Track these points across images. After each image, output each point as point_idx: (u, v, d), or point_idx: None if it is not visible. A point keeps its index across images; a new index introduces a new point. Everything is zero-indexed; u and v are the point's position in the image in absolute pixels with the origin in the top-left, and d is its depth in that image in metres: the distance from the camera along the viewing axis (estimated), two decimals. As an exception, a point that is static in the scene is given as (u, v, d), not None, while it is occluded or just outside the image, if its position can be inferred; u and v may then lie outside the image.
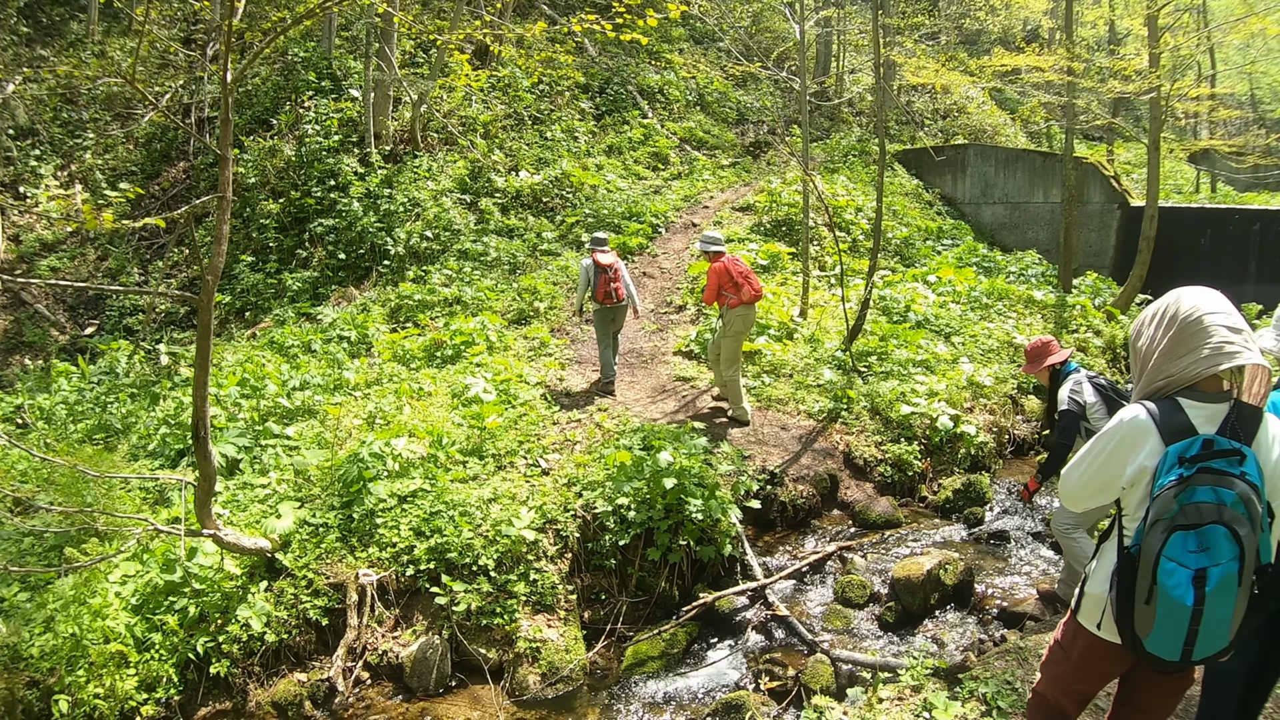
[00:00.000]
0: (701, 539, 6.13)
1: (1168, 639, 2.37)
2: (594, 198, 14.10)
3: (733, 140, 18.22)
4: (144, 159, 13.38)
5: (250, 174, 12.66)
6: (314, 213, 12.33)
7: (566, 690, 5.21)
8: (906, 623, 5.65)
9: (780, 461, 7.48)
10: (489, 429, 7.16)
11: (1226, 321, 2.42)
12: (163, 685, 5.05)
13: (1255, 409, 2.42)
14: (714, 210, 14.68)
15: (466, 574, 5.65)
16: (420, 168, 13.26)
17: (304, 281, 11.51)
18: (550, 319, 10.82)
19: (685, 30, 21.60)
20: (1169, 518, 2.34)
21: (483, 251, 12.22)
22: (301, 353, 9.29)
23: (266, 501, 6.27)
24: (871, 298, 11.09)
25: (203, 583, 5.43)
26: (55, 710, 4.75)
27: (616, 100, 17.67)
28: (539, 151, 15.07)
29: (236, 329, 10.79)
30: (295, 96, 13.45)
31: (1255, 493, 2.30)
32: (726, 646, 5.61)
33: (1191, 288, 2.56)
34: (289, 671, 5.37)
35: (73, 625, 5.01)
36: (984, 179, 16.85)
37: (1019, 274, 13.36)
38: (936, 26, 20.36)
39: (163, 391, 8.39)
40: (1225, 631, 2.35)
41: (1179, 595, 2.31)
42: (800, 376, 9.01)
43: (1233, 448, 2.34)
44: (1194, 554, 2.31)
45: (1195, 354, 2.42)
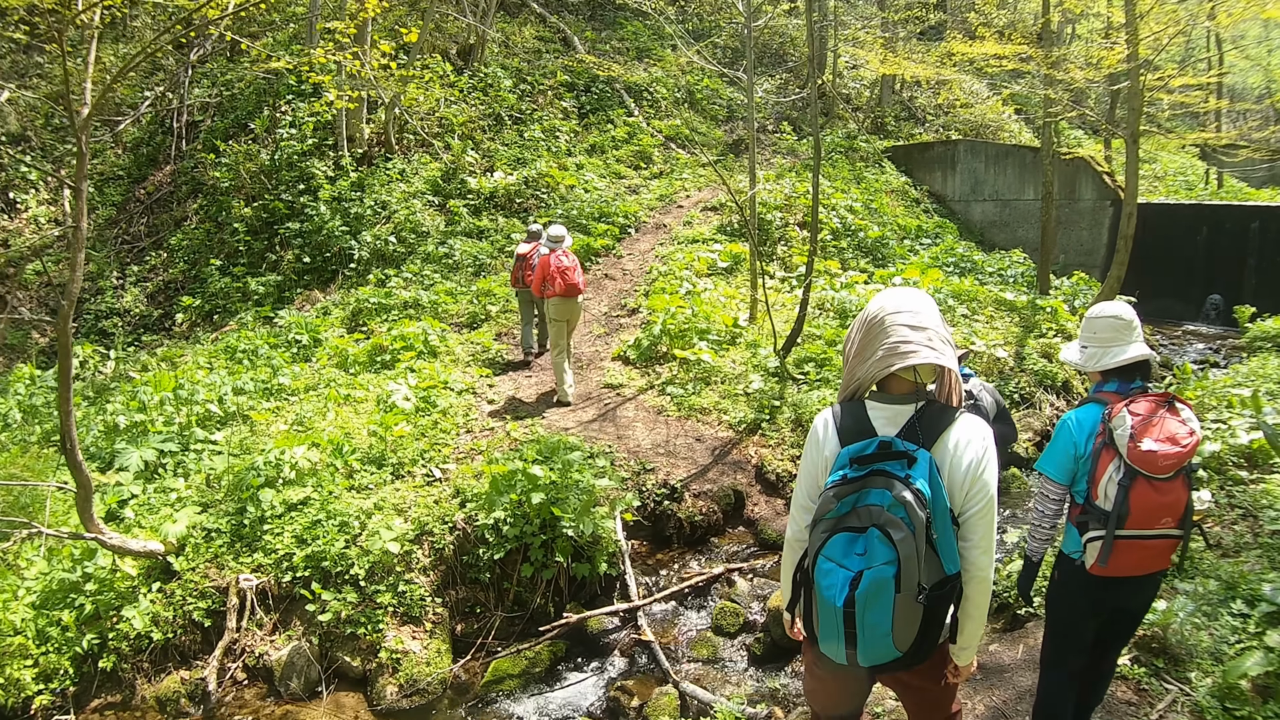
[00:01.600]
0: (578, 556, 6.28)
1: (830, 640, 2.38)
2: (568, 198, 14.22)
3: (720, 137, 18.18)
4: (131, 163, 13.92)
5: (225, 178, 13.06)
6: (284, 216, 12.69)
7: (423, 702, 5.41)
8: (776, 655, 5.49)
9: (685, 475, 7.54)
10: (394, 437, 7.41)
11: (909, 321, 2.42)
12: (59, 677, 5.47)
13: (943, 411, 2.42)
14: (687, 210, 14.70)
15: (339, 583, 5.90)
16: (393, 170, 13.53)
17: (269, 285, 11.88)
18: (500, 322, 11.00)
19: (680, 27, 21.55)
20: (830, 517, 2.35)
21: (446, 254, 12.45)
22: (249, 357, 9.62)
23: (174, 505, 6.62)
24: (828, 301, 11.13)
25: (98, 582, 5.82)
26: None
27: (602, 98, 17.75)
28: (517, 152, 15.25)
29: (203, 333, 11.20)
30: (274, 101, 13.84)
31: (918, 498, 2.25)
32: (590, 669, 5.67)
33: (892, 289, 2.58)
34: (174, 669, 5.70)
35: None
36: (974, 175, 16.57)
37: (997, 274, 13.16)
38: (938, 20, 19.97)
39: (117, 395, 8.82)
40: (887, 639, 2.30)
41: (830, 596, 2.31)
42: (730, 385, 9.04)
43: (904, 450, 2.33)
44: (859, 556, 2.29)
45: (874, 354, 2.44)
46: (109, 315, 11.83)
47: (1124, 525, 3.15)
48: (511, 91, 16.55)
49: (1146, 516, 3.14)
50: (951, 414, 2.42)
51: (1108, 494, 3.18)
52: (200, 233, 12.88)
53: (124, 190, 13.61)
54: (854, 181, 16.03)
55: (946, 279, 12.09)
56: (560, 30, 19.46)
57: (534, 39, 18.90)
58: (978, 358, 9.55)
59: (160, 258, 12.73)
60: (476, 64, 16.83)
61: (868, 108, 20.52)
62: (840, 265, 12.85)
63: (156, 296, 12.33)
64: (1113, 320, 3.34)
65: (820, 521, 2.37)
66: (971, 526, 2.39)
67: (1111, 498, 3.16)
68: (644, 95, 18.40)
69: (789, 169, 15.84)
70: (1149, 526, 3.16)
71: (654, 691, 5.19)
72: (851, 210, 14.30)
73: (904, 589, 2.24)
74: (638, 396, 8.96)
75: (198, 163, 13.62)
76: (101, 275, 12.27)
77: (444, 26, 17.20)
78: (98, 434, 7.74)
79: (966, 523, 2.39)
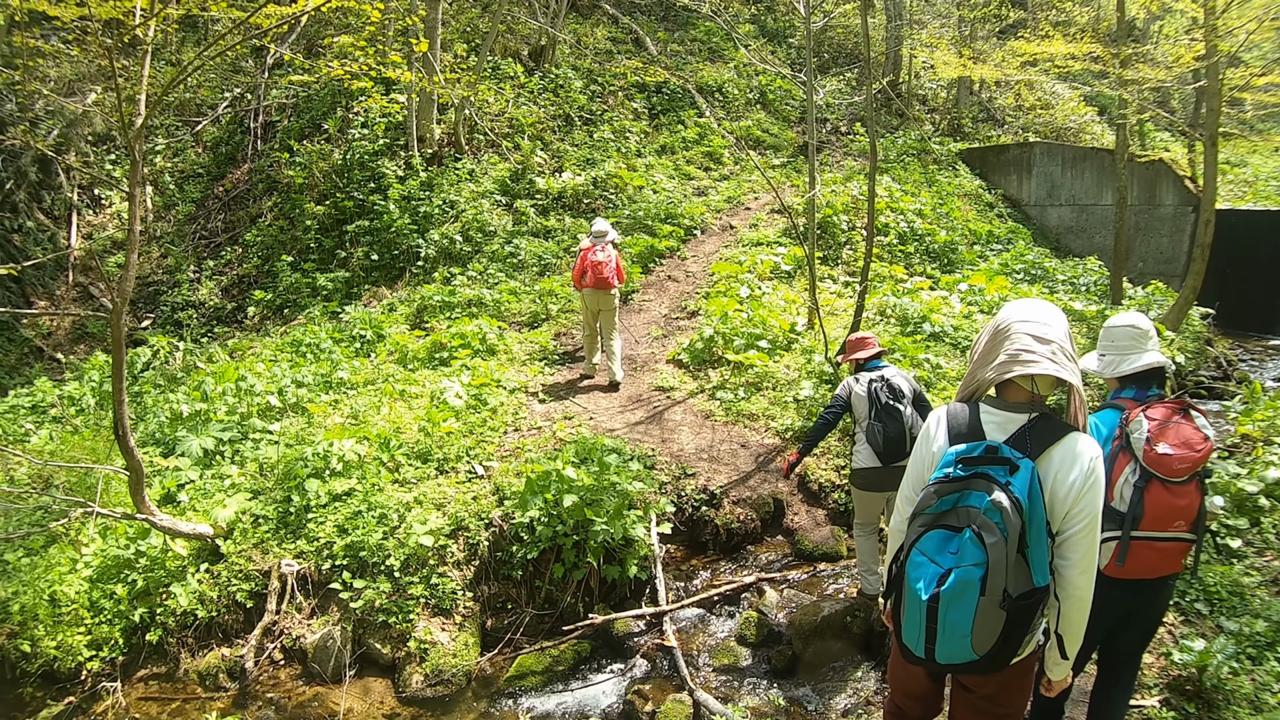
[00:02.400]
0: (609, 558, 6.29)
1: (911, 633, 2.44)
2: (636, 199, 14.27)
3: (792, 139, 17.97)
4: (210, 162, 14.54)
5: (299, 177, 13.51)
6: (354, 215, 13.04)
7: (447, 693, 5.52)
8: (797, 670, 5.42)
9: (726, 481, 7.48)
10: (441, 433, 7.55)
11: (1035, 331, 2.46)
12: (109, 646, 5.85)
13: (1055, 425, 2.44)
14: (754, 212, 14.57)
15: (375, 573, 6.05)
16: (462, 170, 13.79)
17: (337, 281, 12.23)
18: (560, 322, 11.11)
19: (754, 27, 21.37)
20: (929, 513, 2.42)
21: (512, 253, 12.62)
22: (312, 351, 9.94)
23: (227, 491, 6.91)
24: (889, 307, 10.88)
25: (150, 560, 6.14)
26: (14, 653, 5.70)
27: (673, 99, 17.74)
28: (586, 152, 15.35)
29: (273, 326, 11.62)
30: (347, 102, 14.26)
31: (1015, 505, 2.29)
32: (612, 670, 5.69)
33: (1026, 300, 2.62)
34: (216, 646, 6.00)
35: (38, 589, 5.89)
36: (1050, 179, 15.96)
37: (1069, 282, 12.66)
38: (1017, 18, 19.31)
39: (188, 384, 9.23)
40: (965, 640, 2.34)
41: (917, 589, 2.38)
42: (780, 391, 8.93)
43: (1009, 457, 2.37)
44: (951, 555, 2.35)
45: (995, 359, 2.49)
46: (184, 307, 12.39)
47: (1139, 527, 3.29)
48: (582, 92, 16.68)
49: (1160, 519, 3.28)
50: (1063, 429, 2.44)
51: (1123, 496, 3.32)
52: (274, 229, 13.38)
53: (203, 187, 14.24)
54: (925, 185, 15.63)
55: (1014, 286, 11.68)
56: (632, 31, 19.53)
57: (605, 40, 19.00)
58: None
59: (235, 253, 13.28)
60: (547, 65, 17.01)
61: (944, 109, 20.00)
62: (905, 271, 12.54)
63: (230, 290, 12.85)
64: (1129, 329, 3.49)
65: (919, 516, 2.45)
66: (1072, 545, 2.41)
67: (1127, 499, 3.30)
68: (715, 96, 18.32)
69: (858, 171, 15.56)
70: (1163, 529, 3.30)
71: (668, 698, 5.17)
72: (920, 214, 13.96)
73: (989, 593, 2.28)
74: (687, 400, 8.92)
75: (273, 162, 14.14)
76: (179, 269, 12.86)
77: (515, 28, 17.44)
78: (163, 421, 8.11)
79: (1066, 541, 2.41)
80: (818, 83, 19.52)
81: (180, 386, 9.01)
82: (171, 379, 9.44)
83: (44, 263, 12.19)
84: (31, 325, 11.73)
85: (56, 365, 11.27)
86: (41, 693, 5.75)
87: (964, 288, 11.54)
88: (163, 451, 7.75)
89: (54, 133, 13.08)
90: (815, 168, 10.20)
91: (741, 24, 20.71)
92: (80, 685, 5.72)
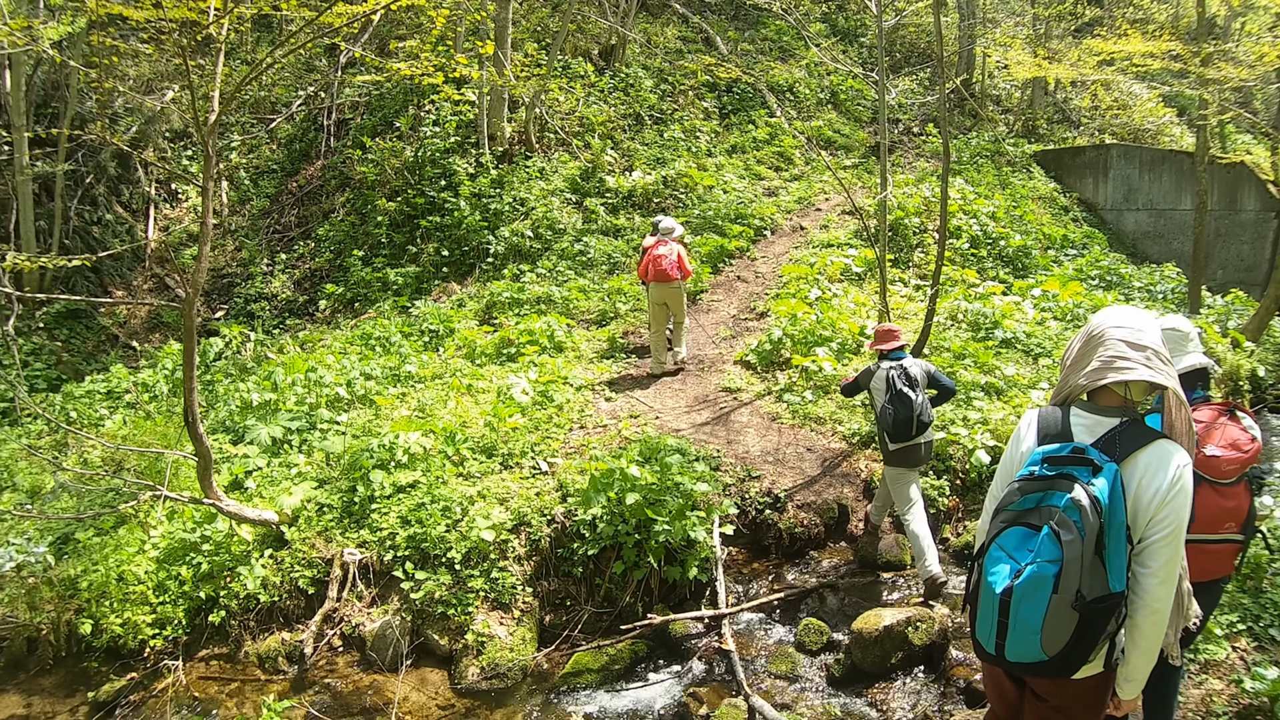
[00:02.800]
0: (670, 558, 6.19)
1: (984, 627, 2.44)
2: (705, 198, 14.18)
3: (863, 139, 17.67)
4: (284, 158, 14.90)
5: (371, 173, 13.73)
6: (425, 211, 13.20)
7: (502, 686, 5.50)
8: (855, 679, 5.25)
9: (791, 485, 7.32)
10: (507, 428, 7.55)
11: (1129, 338, 2.46)
12: (172, 625, 6.00)
13: (1144, 431, 2.44)
14: (825, 212, 14.37)
15: (436, 565, 6.06)
16: (532, 168, 13.87)
17: (408, 276, 12.39)
18: (629, 320, 11.07)
19: (825, 26, 21.09)
20: (1011, 509, 2.43)
21: (581, 251, 12.63)
22: (381, 344, 10.06)
23: (293, 480, 7.01)
24: (961, 312, 10.58)
25: (215, 545, 6.26)
26: (81, 630, 5.87)
27: (743, 98, 17.59)
28: (656, 151, 15.32)
29: (344, 319, 11.83)
30: (419, 100, 14.45)
31: (1094, 505, 2.28)
32: (668, 671, 5.61)
33: (1119, 306, 2.65)
34: (277, 630, 6.09)
35: (107, 568, 6.07)
36: (1127, 182, 15.40)
37: (1145, 289, 12.17)
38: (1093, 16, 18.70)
39: (259, 374, 9.42)
40: (1035, 638, 2.32)
41: (992, 582, 2.39)
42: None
43: (1093, 459, 2.37)
44: (1029, 552, 2.34)
45: (1088, 365, 2.50)
46: (257, 299, 12.70)
47: (1189, 529, 3.14)
48: (652, 91, 16.67)
49: (1210, 521, 3.27)
50: (1152, 436, 2.42)
51: None
52: (346, 225, 13.63)
53: (277, 183, 14.59)
54: (998, 187, 15.21)
55: (1089, 293, 11.26)
56: (702, 30, 19.44)
57: (675, 39, 18.96)
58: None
59: (308, 247, 13.56)
60: (618, 64, 17.05)
61: (1018, 110, 19.46)
62: (978, 275, 12.20)
63: (302, 283, 13.13)
64: (1171, 332, 3.50)
65: (1001, 512, 2.46)
66: (1152, 553, 2.37)
67: None
68: (786, 95, 18.13)
69: (931, 173, 15.21)
70: (1213, 531, 3.30)
71: (723, 701, 5.07)
72: (993, 217, 13.58)
73: (1062, 591, 2.27)
74: (754, 402, 8.79)
75: (346, 158, 14.42)
76: (252, 262, 13.20)
77: (586, 28, 17.50)
78: (233, 409, 8.28)
79: (1147, 549, 2.38)
80: (890, 82, 19.18)
81: (251, 376, 9.19)
82: (243, 369, 9.64)
83: (121, 254, 12.63)
84: (109, 314, 12.14)
85: (132, 353, 11.65)
86: (106, 667, 5.92)
87: (1037, 293, 11.18)
88: (232, 439, 7.90)
89: (133, 129, 13.55)
90: (887, 168, 9.97)
91: (812, 22, 20.45)
92: (143, 662, 5.88)
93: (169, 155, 13.83)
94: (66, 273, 11.98)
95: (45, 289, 11.54)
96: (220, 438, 7.93)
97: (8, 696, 5.76)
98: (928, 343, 9.10)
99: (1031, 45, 17.01)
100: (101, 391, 9.43)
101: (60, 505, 6.86)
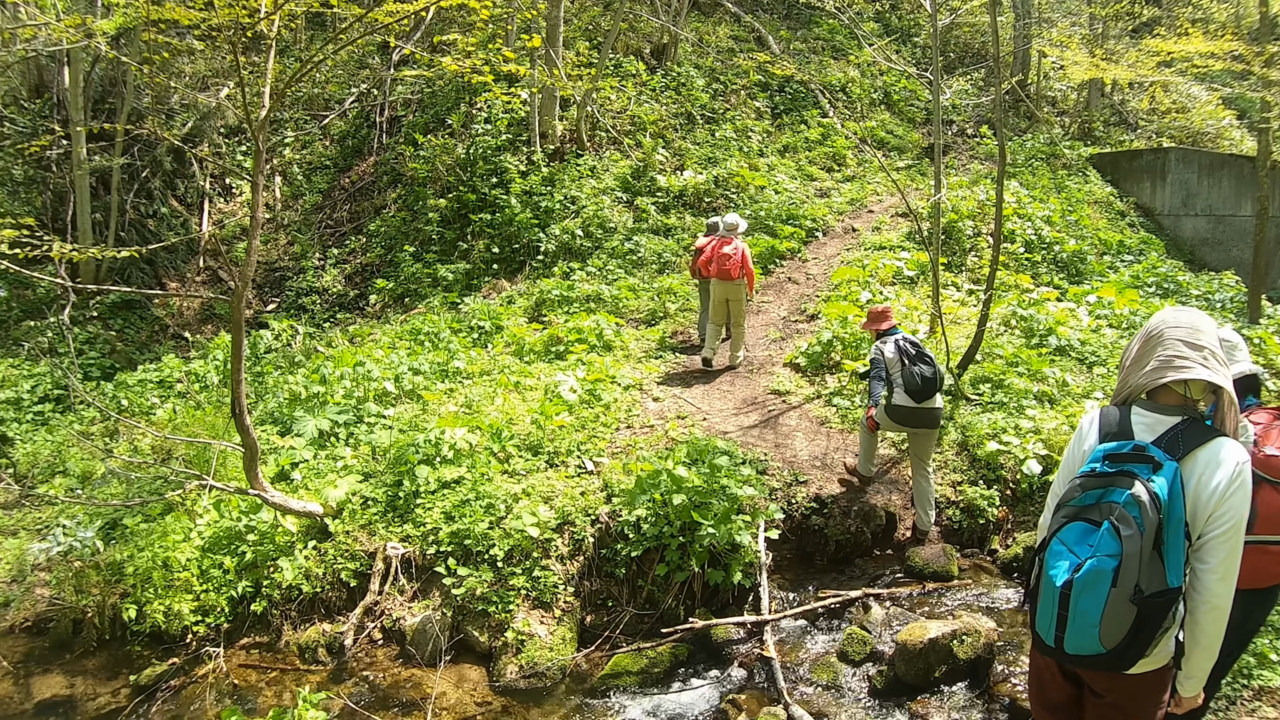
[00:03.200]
0: (714, 562, 6.10)
1: (1044, 619, 2.51)
2: (757, 198, 14.07)
3: (917, 141, 17.39)
4: (337, 154, 15.09)
5: (422, 170, 13.83)
6: (476, 208, 13.26)
7: (540, 686, 5.44)
8: (897, 692, 5.12)
9: (838, 490, 7.18)
10: (554, 426, 7.52)
11: (1187, 338, 2.53)
12: (215, 613, 6.07)
13: (1203, 430, 2.48)
14: (878, 214, 14.18)
15: (478, 561, 6.04)
16: (583, 166, 13.86)
17: (458, 273, 12.46)
18: (678, 320, 11.01)
19: (878, 25, 20.80)
20: (1072, 505, 2.50)
21: (631, 250, 12.60)
22: (430, 340, 10.11)
23: (339, 473, 7.04)
24: (1014, 318, 10.33)
25: (260, 535, 6.31)
26: (125, 614, 5.96)
27: (796, 98, 17.42)
28: (708, 151, 15.24)
29: (394, 314, 11.93)
30: (470, 97, 14.53)
31: (1154, 501, 2.34)
32: (708, 676, 5.52)
33: (1176, 307, 2.72)
34: (318, 621, 6.12)
35: (153, 554, 6.15)
36: (1185, 187, 14.92)
37: (1203, 297, 11.79)
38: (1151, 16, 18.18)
39: (308, 367, 9.52)
40: (1094, 630, 2.38)
41: (1053, 575, 2.45)
42: (898, 401, 8.54)
43: (1154, 456, 2.43)
44: (1089, 547, 2.41)
45: (1148, 364, 2.57)
46: (309, 293, 12.87)
47: (1252, 530, 3.12)
48: (704, 90, 16.59)
49: (1271, 521, 3.31)
50: (1211, 434, 2.47)
51: None
52: (397, 220, 13.75)
53: (329, 179, 14.78)
54: (1054, 191, 14.85)
55: (1145, 300, 10.92)
56: (754, 29, 19.30)
57: (728, 38, 18.85)
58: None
59: (359, 242, 13.71)
60: (669, 63, 17.00)
61: (1074, 111, 19.00)
62: (1032, 280, 11.91)
63: (353, 278, 13.29)
64: (1221, 341, 3.41)
65: (1063, 507, 2.53)
66: (1211, 550, 2.42)
67: None
68: (839, 95, 17.94)
69: (985, 175, 14.91)
70: (1274, 531, 3.33)
71: (762, 709, 4.97)
72: (1048, 221, 13.26)
73: (1120, 585, 2.33)
74: (803, 405, 8.66)
75: (398, 155, 14.55)
76: (304, 256, 13.38)
77: (638, 27, 17.47)
78: (282, 401, 8.36)
79: (1205, 545, 2.43)
80: (944, 83, 18.86)
81: (300, 369, 9.28)
82: (292, 362, 9.75)
83: (175, 246, 12.88)
84: (162, 305, 12.38)
85: (184, 343, 11.87)
86: (148, 652, 6.02)
87: (1092, 300, 10.86)
88: (280, 430, 7.98)
89: (188, 125, 13.81)
90: (940, 170, 9.76)
91: (866, 21, 20.20)
92: (185, 648, 5.96)
93: (223, 151, 14.08)
94: (122, 264, 12.25)
95: (100, 280, 11.81)
96: (268, 429, 8.01)
97: (52, 676, 5.88)
98: (980, 349, 8.88)
99: (1088, 45, 16.59)
100: (153, 381, 9.60)
101: (109, 491, 6.97)
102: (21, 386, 9.82)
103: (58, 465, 7.81)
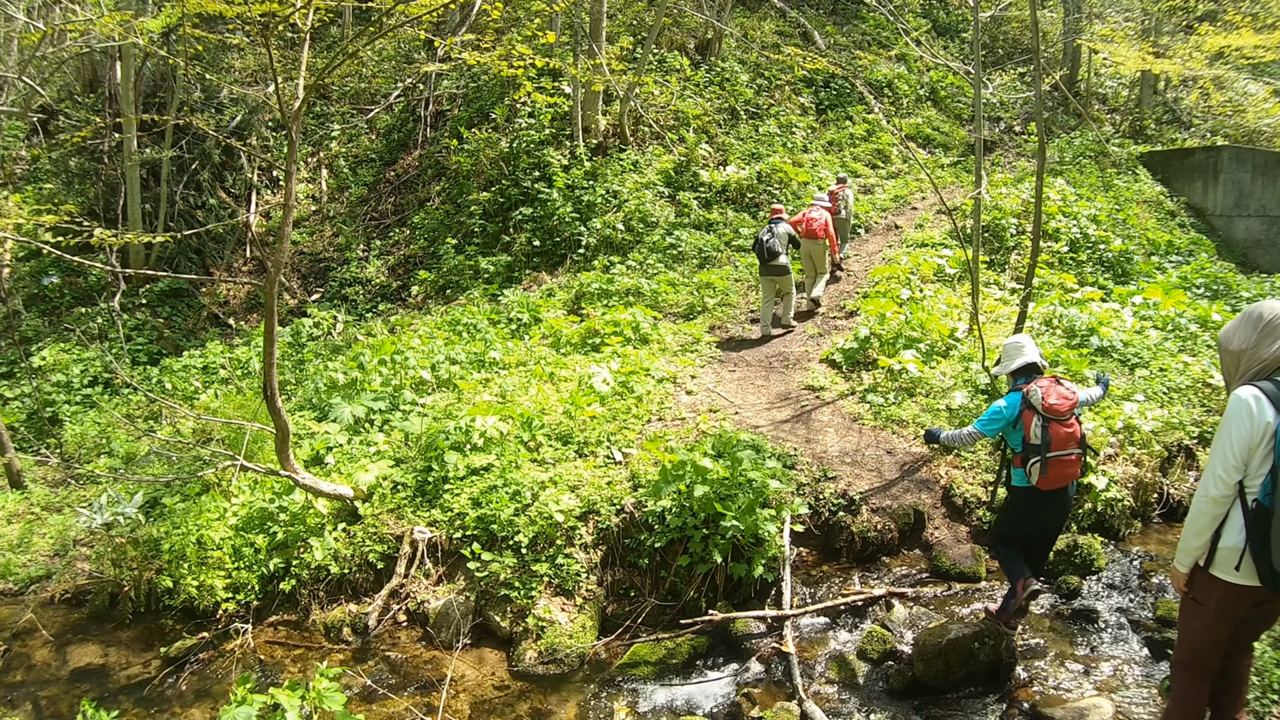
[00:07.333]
0: (737, 555, 6.08)
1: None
2: (800, 194, 14.00)
3: (963, 137, 17.11)
4: (383, 148, 15.32)
5: (466, 164, 13.98)
6: (518, 201, 13.39)
7: (558, 672, 5.48)
8: (914, 692, 5.04)
9: (867, 487, 7.10)
10: (584, 417, 7.56)
11: None
12: (245, 590, 6.25)
13: None
14: (921, 211, 14.02)
15: (503, 547, 6.10)
16: (626, 161, 13.91)
17: (499, 265, 12.60)
18: (716, 315, 11.02)
19: (925, 21, 20.50)
20: None
21: (672, 245, 12.60)
22: (468, 330, 10.23)
23: (371, 458, 7.17)
24: (1056, 318, 10.11)
25: (291, 516, 6.45)
26: (160, 588, 6.20)
27: (840, 94, 17.27)
28: (751, 146, 15.19)
29: (435, 305, 12.10)
30: (514, 92, 14.64)
31: None
32: (725, 669, 5.50)
33: (1271, 299, 3.32)
34: (345, 602, 6.25)
35: (188, 532, 6.35)
36: (1239, 187, 14.42)
37: (1255, 300, 11.38)
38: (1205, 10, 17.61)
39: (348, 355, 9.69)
40: None
41: None
42: (933, 399, 8.42)
43: None
44: None
45: (1277, 345, 3.17)
46: (352, 283, 13.12)
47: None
48: (748, 86, 16.53)
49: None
50: None
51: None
52: (440, 213, 13.93)
53: (375, 172, 15.02)
54: (1101, 189, 14.50)
55: (1193, 302, 10.57)
56: (800, 24, 19.15)
57: (772, 34, 18.74)
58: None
59: (403, 234, 13.93)
60: (713, 58, 16.96)
61: (1125, 109, 18.51)
62: (1076, 280, 11.64)
63: (396, 269, 13.49)
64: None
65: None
66: None
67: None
68: (884, 91, 17.75)
69: (1030, 172, 14.62)
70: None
71: (776, 704, 4.94)
72: (1095, 220, 12.94)
73: None
74: (836, 401, 8.59)
75: (442, 149, 14.74)
76: (349, 247, 13.63)
77: (682, 22, 17.45)
78: (320, 388, 8.52)
79: None
80: (989, 78, 18.55)
81: (340, 357, 9.45)
82: (333, 349, 9.93)
83: (223, 237, 13.19)
84: (209, 293, 12.70)
85: (229, 330, 12.17)
86: (180, 625, 6.21)
87: (1138, 301, 10.54)
88: (317, 416, 8.14)
89: (237, 119, 14.13)
90: (981, 165, 9.59)
91: (912, 17, 19.94)
92: (215, 623, 6.12)
93: (271, 144, 14.39)
94: (171, 253, 12.59)
95: (150, 268, 12.15)
96: (306, 414, 8.17)
97: (88, 645, 6.09)
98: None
99: (1138, 40, 16.18)
100: (198, 367, 9.87)
101: (151, 471, 7.18)
102: (71, 371, 10.17)
103: (104, 446, 8.06)
